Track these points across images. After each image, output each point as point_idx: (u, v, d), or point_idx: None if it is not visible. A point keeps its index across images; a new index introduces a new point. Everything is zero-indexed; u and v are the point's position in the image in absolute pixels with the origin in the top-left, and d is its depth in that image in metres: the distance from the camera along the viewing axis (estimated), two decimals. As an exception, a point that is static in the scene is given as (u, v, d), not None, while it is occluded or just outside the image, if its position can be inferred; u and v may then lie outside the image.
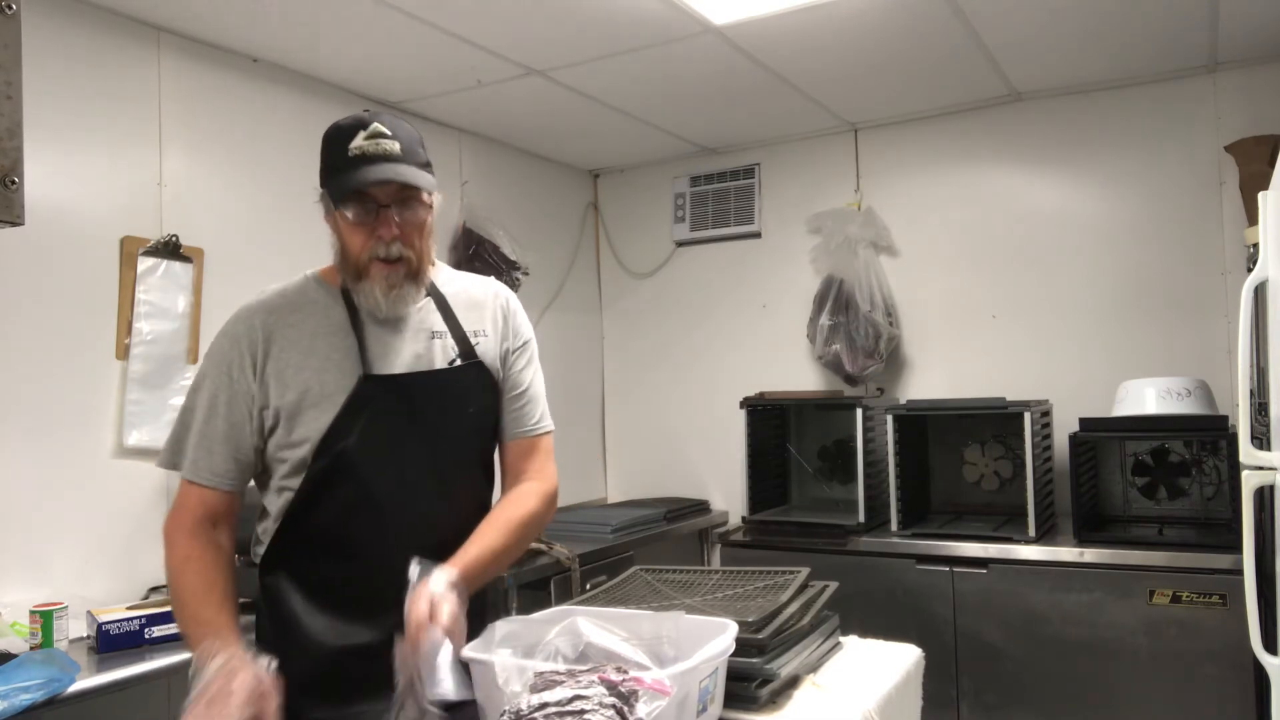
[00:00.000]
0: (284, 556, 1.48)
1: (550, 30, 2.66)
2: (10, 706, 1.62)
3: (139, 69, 2.49)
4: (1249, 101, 3.08)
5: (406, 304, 1.50)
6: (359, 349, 1.46)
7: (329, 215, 1.48)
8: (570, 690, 1.13)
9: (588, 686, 1.13)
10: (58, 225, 2.28)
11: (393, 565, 1.33)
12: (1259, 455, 2.07)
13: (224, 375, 1.46)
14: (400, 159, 1.42)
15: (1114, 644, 2.67)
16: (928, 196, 3.60)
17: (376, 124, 1.43)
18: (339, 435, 1.42)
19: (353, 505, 1.44)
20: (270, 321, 1.47)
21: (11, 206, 1.37)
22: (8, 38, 1.35)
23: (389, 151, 1.41)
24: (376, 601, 1.37)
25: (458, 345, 1.54)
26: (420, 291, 1.53)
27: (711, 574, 1.84)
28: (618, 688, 1.14)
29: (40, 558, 2.22)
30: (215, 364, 1.48)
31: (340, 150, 1.42)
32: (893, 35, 2.78)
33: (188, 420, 1.48)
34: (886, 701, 1.51)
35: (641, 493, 4.17)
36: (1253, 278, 2.10)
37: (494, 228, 3.53)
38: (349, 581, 1.45)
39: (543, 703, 1.12)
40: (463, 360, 1.54)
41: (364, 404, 1.44)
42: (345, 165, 1.41)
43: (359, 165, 1.40)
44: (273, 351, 1.45)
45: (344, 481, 1.43)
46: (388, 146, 1.41)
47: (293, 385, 1.44)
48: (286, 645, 1.42)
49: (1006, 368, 3.43)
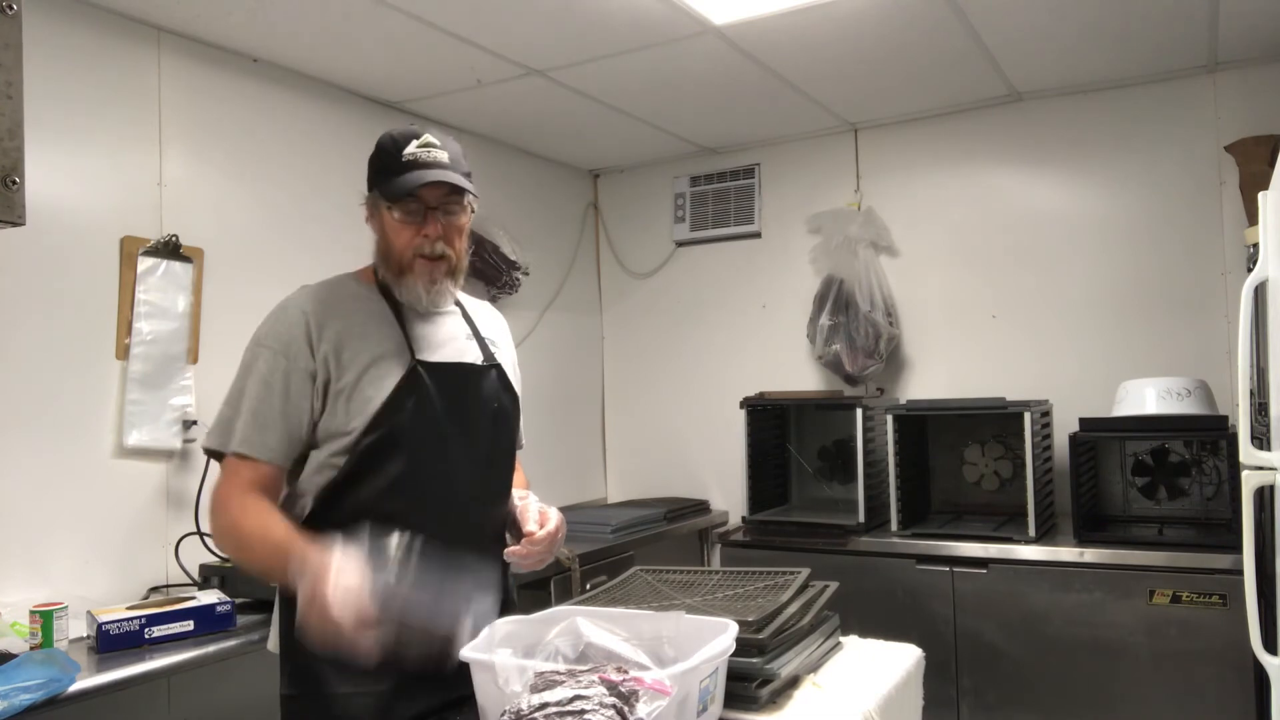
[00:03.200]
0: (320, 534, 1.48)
1: (550, 30, 2.66)
2: (10, 706, 1.62)
3: (139, 69, 2.49)
4: (1249, 101, 3.08)
5: (445, 299, 1.63)
6: (405, 338, 1.57)
7: (372, 216, 1.61)
8: (570, 690, 1.13)
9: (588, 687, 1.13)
10: (58, 225, 2.28)
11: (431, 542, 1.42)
12: (1259, 455, 2.07)
13: (280, 356, 1.51)
14: (449, 167, 1.55)
15: (1114, 644, 2.67)
16: (928, 196, 3.60)
17: (428, 135, 1.56)
18: (391, 412, 1.50)
19: (399, 480, 1.50)
20: (320, 310, 1.55)
21: (12, 206, 1.37)
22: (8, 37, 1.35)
23: (439, 160, 1.54)
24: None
25: (481, 350, 1.68)
26: (457, 289, 1.65)
27: (712, 574, 1.84)
28: (618, 688, 1.14)
29: (40, 558, 2.22)
30: (269, 347, 1.52)
31: (394, 156, 1.54)
32: (893, 35, 2.78)
33: (236, 402, 1.52)
34: (887, 701, 1.51)
35: (641, 493, 4.17)
36: (1253, 278, 2.10)
37: (494, 228, 3.53)
38: None
39: (543, 703, 1.12)
40: (485, 362, 1.68)
41: (415, 385, 1.53)
42: (399, 169, 1.52)
43: (411, 169, 1.52)
44: (327, 335, 1.53)
45: (393, 457, 1.50)
46: (438, 155, 1.55)
47: (351, 366, 1.52)
48: None
49: (1006, 368, 3.43)
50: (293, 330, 1.52)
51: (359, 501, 1.50)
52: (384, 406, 1.49)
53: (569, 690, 1.13)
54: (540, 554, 1.58)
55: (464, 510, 1.58)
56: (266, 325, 1.55)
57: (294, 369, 1.50)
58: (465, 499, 1.58)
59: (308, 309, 1.54)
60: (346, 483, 1.50)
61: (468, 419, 1.60)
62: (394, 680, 1.45)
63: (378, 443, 1.49)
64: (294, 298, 1.58)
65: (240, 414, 1.50)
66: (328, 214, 2.90)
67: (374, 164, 1.59)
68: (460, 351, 1.65)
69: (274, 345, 1.52)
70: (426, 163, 1.53)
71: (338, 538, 1.39)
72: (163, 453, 2.47)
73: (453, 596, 1.36)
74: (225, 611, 2.12)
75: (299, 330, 1.52)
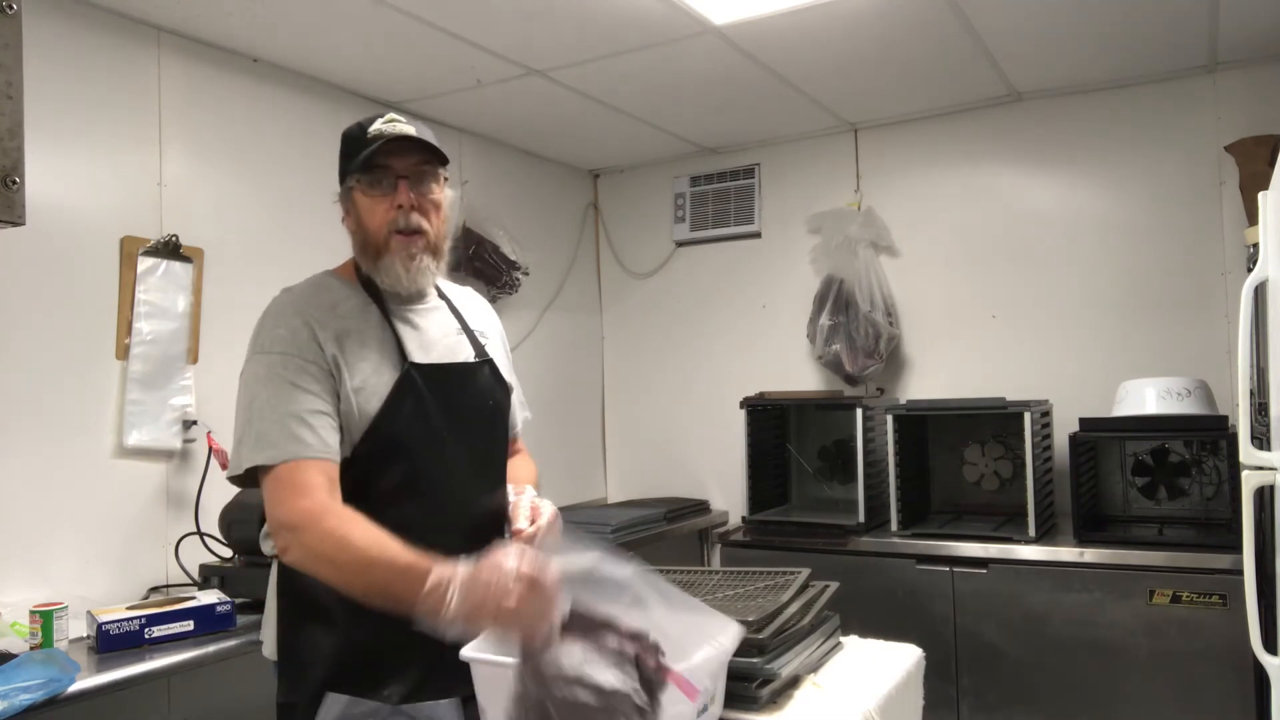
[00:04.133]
0: None
1: (550, 30, 2.66)
2: (10, 706, 1.62)
3: (139, 69, 2.49)
4: (1249, 101, 3.08)
5: (427, 279, 1.57)
6: (396, 340, 1.52)
7: (347, 214, 1.56)
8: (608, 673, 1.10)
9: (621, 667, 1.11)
10: (58, 225, 2.28)
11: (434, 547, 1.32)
12: (1259, 455, 2.07)
13: (294, 358, 1.43)
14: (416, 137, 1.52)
15: (1114, 644, 2.67)
16: (928, 196, 3.60)
17: (393, 114, 1.53)
18: (388, 419, 1.46)
19: (401, 487, 1.47)
20: (312, 314, 1.48)
21: (12, 206, 1.37)
22: (8, 37, 1.35)
23: (405, 131, 1.50)
24: None
25: (472, 345, 1.64)
26: (440, 268, 1.59)
27: (712, 574, 1.84)
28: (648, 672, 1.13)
29: (40, 558, 2.22)
30: (280, 353, 1.44)
31: (359, 138, 1.50)
32: (893, 35, 2.78)
33: (265, 412, 1.40)
34: (887, 701, 1.51)
35: (641, 493, 4.17)
36: (1253, 278, 2.10)
37: (494, 228, 3.53)
38: None
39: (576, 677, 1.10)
40: (478, 358, 1.63)
41: (409, 390, 1.48)
42: (364, 145, 1.49)
43: (377, 141, 1.49)
44: (328, 337, 1.46)
45: (394, 464, 1.47)
46: (404, 128, 1.50)
47: (350, 370, 1.46)
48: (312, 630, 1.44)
49: (1006, 368, 3.43)
50: (298, 334, 1.45)
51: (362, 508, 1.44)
52: (380, 414, 1.45)
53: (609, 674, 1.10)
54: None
55: (466, 510, 1.55)
56: (267, 333, 1.47)
57: (314, 366, 1.44)
58: (467, 498, 1.56)
59: (306, 313, 1.48)
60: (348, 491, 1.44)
61: (464, 419, 1.57)
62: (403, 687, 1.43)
63: (375, 452, 1.46)
64: (284, 303, 1.51)
65: (276, 421, 1.39)
66: (328, 214, 2.85)
67: (343, 153, 1.54)
68: (452, 349, 1.61)
69: (283, 349, 1.44)
70: (391, 135, 1.49)
71: None
72: (163, 453, 2.47)
73: None
74: (225, 612, 2.12)
75: (304, 334, 1.45)
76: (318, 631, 1.44)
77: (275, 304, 1.52)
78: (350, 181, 1.52)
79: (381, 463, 1.47)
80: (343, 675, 1.42)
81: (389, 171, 1.49)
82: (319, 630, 1.44)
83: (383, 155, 1.48)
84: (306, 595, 1.44)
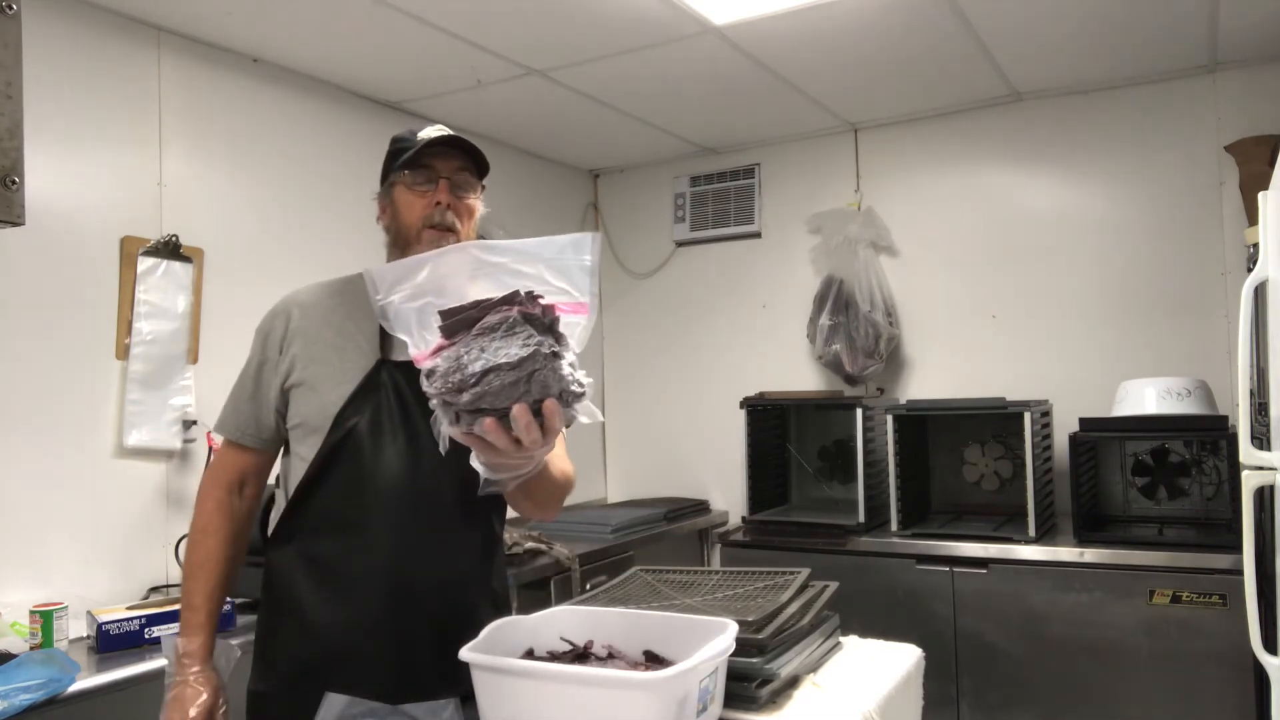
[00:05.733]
0: (290, 532, 1.53)
1: (550, 30, 2.66)
2: (10, 706, 1.62)
3: (139, 69, 2.49)
4: (1249, 101, 3.08)
5: None
6: (379, 335, 1.54)
7: (384, 211, 1.61)
8: (513, 345, 1.12)
9: (519, 334, 1.11)
10: (58, 225, 2.28)
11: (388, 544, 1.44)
12: (1259, 455, 2.07)
13: (259, 345, 1.59)
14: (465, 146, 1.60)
15: (1114, 644, 2.67)
16: (928, 196, 3.60)
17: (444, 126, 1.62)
18: (350, 414, 1.49)
19: (355, 483, 1.49)
20: (307, 301, 1.59)
21: (12, 206, 1.37)
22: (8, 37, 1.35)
23: (454, 139, 1.58)
24: (372, 580, 1.44)
25: None
26: None
27: (712, 574, 1.84)
28: (540, 320, 1.14)
29: (40, 558, 2.22)
30: (256, 337, 1.60)
31: (409, 140, 1.58)
32: (893, 35, 2.78)
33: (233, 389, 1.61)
34: (887, 701, 1.51)
35: (641, 493, 4.17)
36: (1253, 278, 2.10)
37: (494, 228, 3.53)
38: (345, 558, 1.47)
39: (486, 367, 1.11)
40: None
41: (376, 387, 1.51)
42: (411, 147, 1.56)
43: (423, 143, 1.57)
44: (303, 327, 1.55)
45: (349, 459, 1.49)
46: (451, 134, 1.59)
47: (316, 360, 1.53)
48: (283, 621, 1.50)
49: (1006, 368, 3.43)
50: (274, 321, 1.58)
51: (322, 501, 1.49)
52: (343, 408, 1.49)
53: (512, 346, 1.11)
54: (517, 459, 1.28)
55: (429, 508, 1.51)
56: (264, 316, 1.62)
57: (266, 359, 1.56)
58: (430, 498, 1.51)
59: (296, 300, 1.59)
60: (312, 482, 1.49)
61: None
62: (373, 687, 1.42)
63: (336, 445, 1.48)
64: (295, 291, 1.62)
65: (230, 399, 1.61)
66: (328, 213, 2.90)
67: (389, 153, 1.62)
68: None
69: (259, 336, 1.59)
70: (440, 137, 1.57)
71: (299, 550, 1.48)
72: (163, 453, 2.48)
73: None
74: (225, 612, 2.11)
75: (279, 321, 1.57)
76: (289, 626, 1.49)
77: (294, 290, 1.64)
78: (393, 178, 1.58)
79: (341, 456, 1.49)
80: (307, 670, 1.44)
81: (433, 171, 1.56)
82: (290, 625, 1.48)
83: (428, 155, 1.55)
84: (284, 591, 1.50)
